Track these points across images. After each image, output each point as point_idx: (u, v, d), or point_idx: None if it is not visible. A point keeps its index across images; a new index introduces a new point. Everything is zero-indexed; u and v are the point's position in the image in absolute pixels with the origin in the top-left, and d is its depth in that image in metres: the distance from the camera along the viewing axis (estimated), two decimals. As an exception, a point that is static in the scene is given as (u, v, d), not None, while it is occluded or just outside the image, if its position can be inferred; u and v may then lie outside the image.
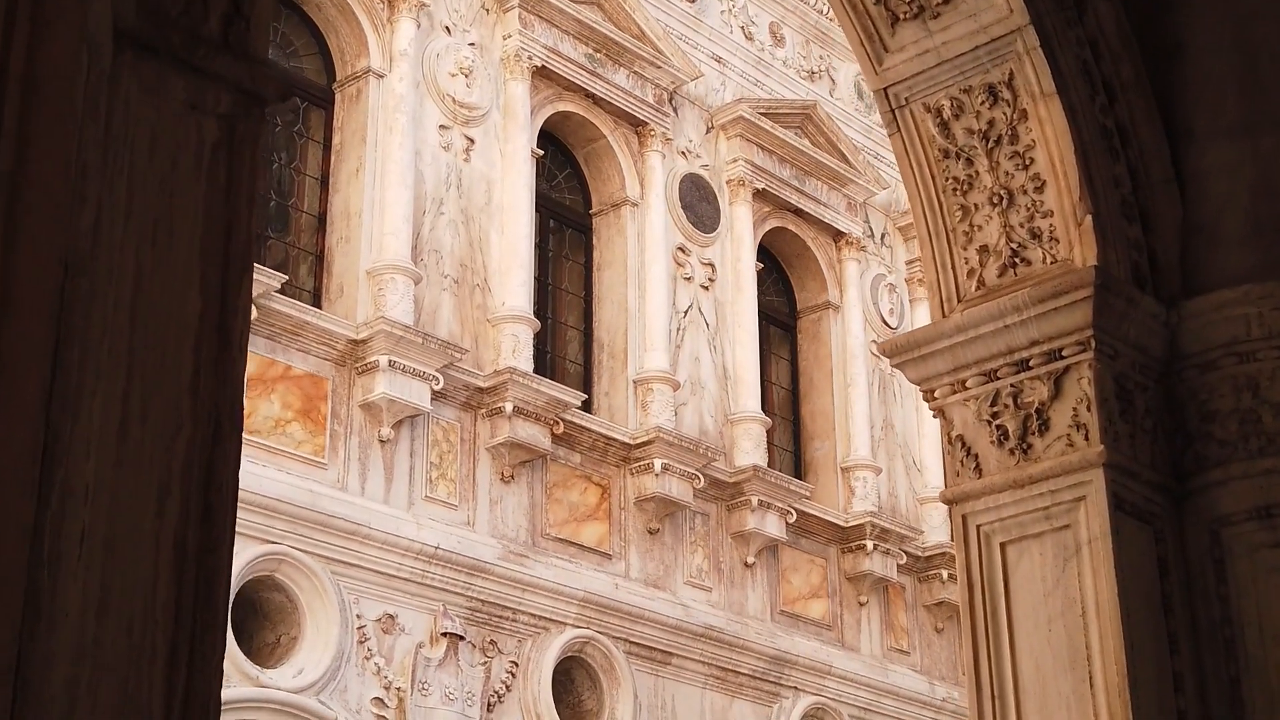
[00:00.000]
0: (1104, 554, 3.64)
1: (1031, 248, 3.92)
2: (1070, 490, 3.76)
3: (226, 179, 1.86)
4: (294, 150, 12.30)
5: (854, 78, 16.78)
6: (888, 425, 15.69)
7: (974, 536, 3.88)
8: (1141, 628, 3.64)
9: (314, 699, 10.50)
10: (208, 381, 1.77)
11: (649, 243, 13.79)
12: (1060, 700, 3.58)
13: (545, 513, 12.41)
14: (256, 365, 10.90)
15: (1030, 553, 3.75)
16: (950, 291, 4.04)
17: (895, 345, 4.17)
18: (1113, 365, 3.84)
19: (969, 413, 3.98)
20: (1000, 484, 3.85)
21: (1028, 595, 3.71)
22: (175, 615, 1.67)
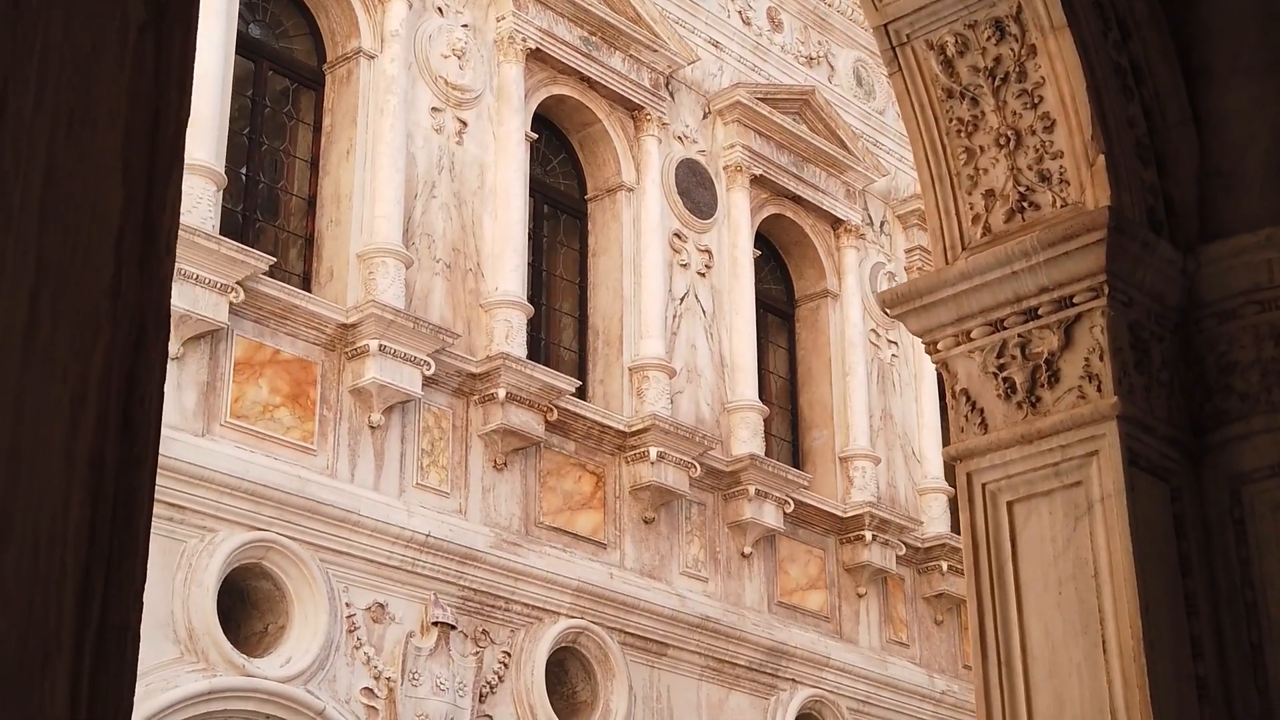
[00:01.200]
0: (1118, 512, 3.43)
1: (1040, 191, 3.71)
2: (1082, 445, 3.55)
3: (155, 65, 1.65)
4: (284, 132, 12.10)
5: (853, 64, 16.60)
6: (887, 415, 15.50)
7: (979, 495, 3.67)
8: (1157, 590, 3.44)
9: (302, 688, 10.30)
10: (131, 283, 1.56)
11: (645, 229, 13.60)
12: (1071, 666, 3.38)
13: (539, 501, 12.22)
14: (244, 349, 10.72)
15: (1039, 512, 3.55)
16: (954, 239, 3.83)
17: (896, 295, 3.96)
18: (1127, 313, 3.63)
19: (974, 365, 3.77)
20: (1007, 439, 3.64)
21: (1037, 556, 3.50)
22: (90, 538, 1.47)
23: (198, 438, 10.27)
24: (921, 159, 3.87)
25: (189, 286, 10.18)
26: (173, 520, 10.00)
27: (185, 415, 10.28)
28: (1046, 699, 3.42)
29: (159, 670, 9.70)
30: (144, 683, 9.59)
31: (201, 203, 10.40)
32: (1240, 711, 3.46)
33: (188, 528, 10.08)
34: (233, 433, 10.50)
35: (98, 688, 1.62)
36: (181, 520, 10.05)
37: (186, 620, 9.89)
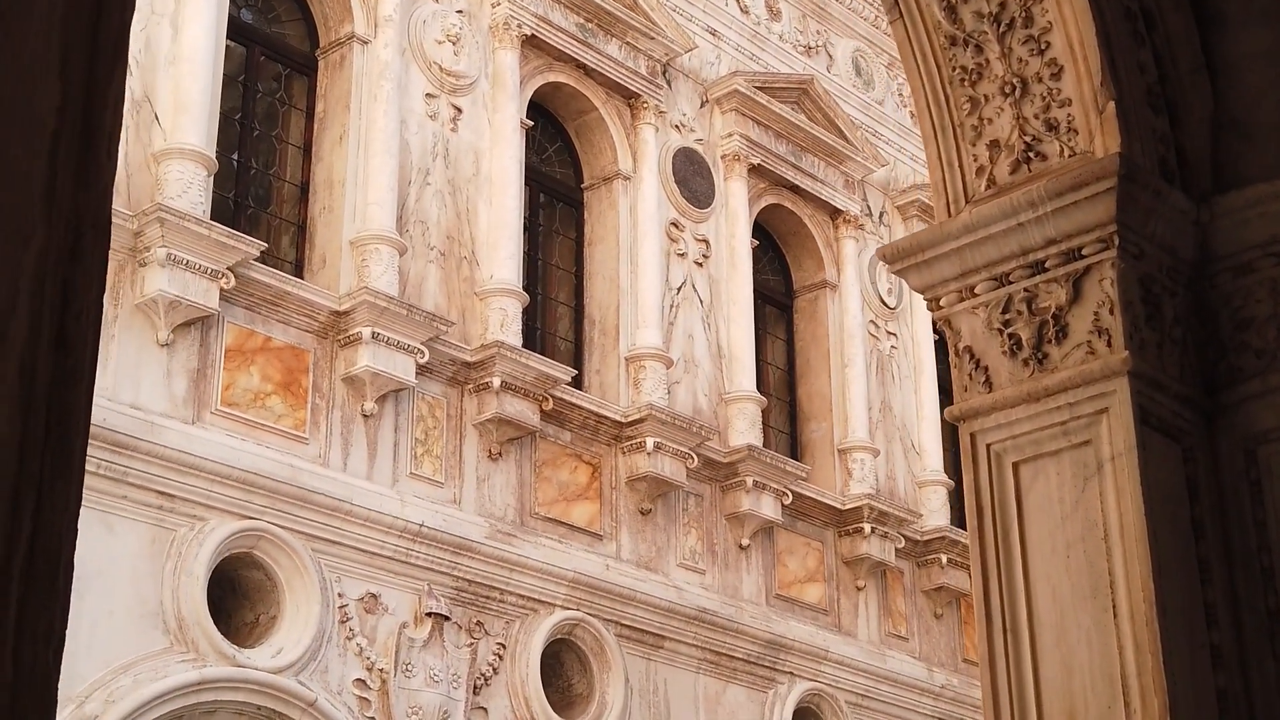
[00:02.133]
0: (1129, 471, 3.29)
1: (1047, 140, 3.57)
2: (1091, 402, 3.40)
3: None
4: (276, 118, 11.96)
5: (852, 53, 16.47)
6: (886, 407, 15.37)
7: (983, 456, 3.52)
8: (1170, 554, 3.30)
9: (293, 679, 10.16)
10: (66, 186, 1.43)
11: (641, 218, 13.46)
12: (1080, 632, 3.24)
13: (534, 491, 12.08)
14: (235, 336, 10.58)
15: (1046, 472, 3.41)
16: (957, 192, 3.68)
17: (897, 250, 3.82)
18: (1138, 266, 3.49)
19: (978, 321, 3.63)
20: (1013, 398, 3.49)
21: (1043, 519, 3.36)
22: (19, 455, 1.33)
23: (188, 425, 10.13)
24: (923, 109, 3.73)
25: (179, 272, 10.04)
26: (162, 509, 9.86)
27: (175, 402, 10.14)
28: (1054, 666, 3.29)
29: (148, 660, 9.56)
30: (133, 673, 9.46)
31: (192, 187, 10.26)
32: (1257, 681, 3.33)
33: (177, 516, 9.94)
34: (223, 420, 10.36)
35: (26, 617, 1.48)
36: (171, 509, 9.91)
37: (176, 610, 9.75)
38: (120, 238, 10.01)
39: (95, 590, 9.45)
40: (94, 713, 9.23)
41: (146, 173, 10.31)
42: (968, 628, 15.43)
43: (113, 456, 9.64)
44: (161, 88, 10.53)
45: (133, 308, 10.05)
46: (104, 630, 9.45)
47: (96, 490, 9.57)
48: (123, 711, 9.32)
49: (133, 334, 10.04)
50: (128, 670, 9.47)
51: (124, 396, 9.87)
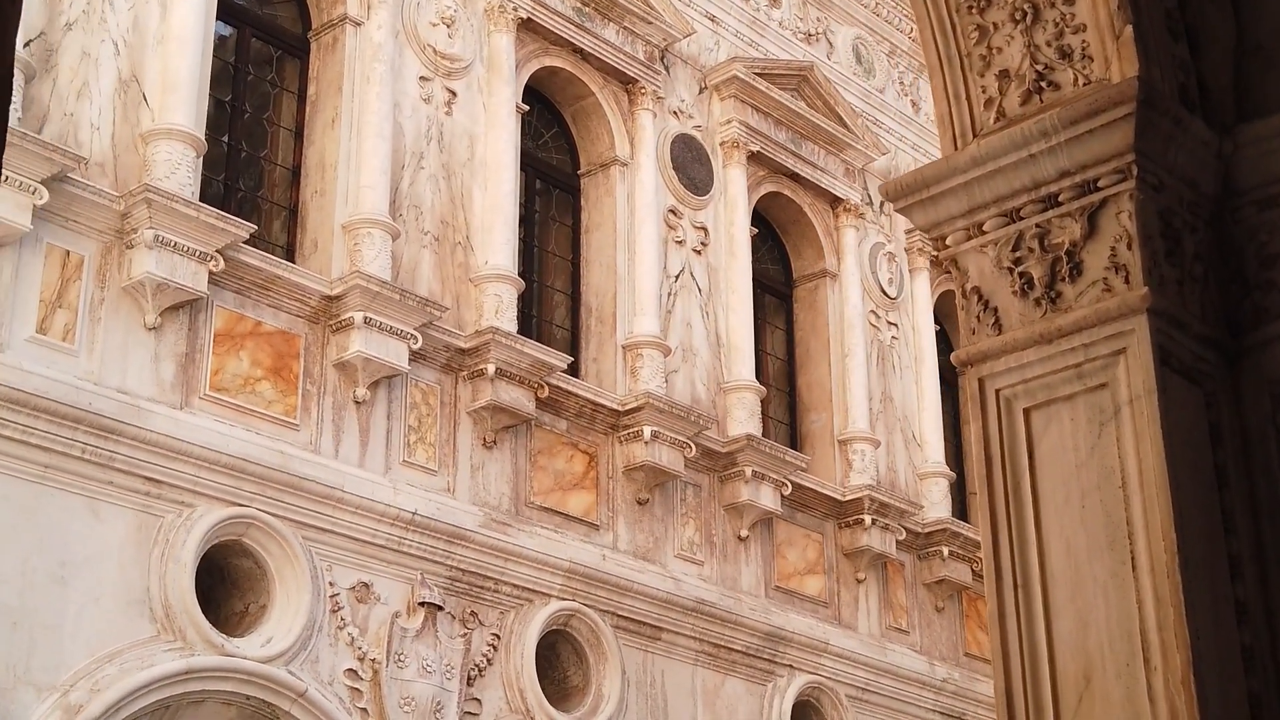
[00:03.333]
0: (1149, 414, 3.10)
1: (1060, 69, 3.37)
2: (1107, 343, 3.21)
3: None
4: (267, 101, 11.78)
5: (852, 41, 16.29)
6: (886, 398, 15.18)
7: (992, 403, 3.33)
8: (1192, 503, 3.11)
9: (283, 669, 9.97)
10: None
11: (639, 204, 13.27)
12: (1096, 586, 3.05)
13: (529, 480, 11.89)
14: (224, 320, 10.39)
15: (1059, 418, 3.22)
16: (964, 125, 3.49)
17: (900, 186, 3.63)
18: (1157, 198, 3.30)
19: (986, 260, 3.43)
20: (1024, 340, 3.30)
21: (1057, 467, 3.17)
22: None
23: (175, 410, 9.94)
24: (929, 38, 3.53)
25: (166, 254, 9.85)
26: (149, 495, 9.68)
27: (163, 387, 9.96)
28: (1068, 622, 3.11)
29: (134, 649, 9.38)
30: (119, 661, 9.27)
31: (180, 168, 10.08)
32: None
33: (165, 503, 9.75)
34: (212, 406, 10.17)
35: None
36: (158, 495, 9.73)
37: (163, 597, 9.56)
38: (107, 219, 9.83)
39: (81, 577, 9.28)
40: (79, 702, 9.04)
41: (134, 153, 10.13)
42: (969, 621, 15.24)
43: (99, 441, 9.45)
44: (149, 68, 10.35)
45: (120, 290, 9.87)
46: (90, 618, 9.26)
47: (82, 475, 9.39)
48: (108, 701, 9.13)
49: (120, 317, 9.85)
50: (114, 659, 9.28)
51: (110, 380, 9.69)
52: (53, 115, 9.83)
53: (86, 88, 10.05)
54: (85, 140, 9.94)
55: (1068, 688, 3.09)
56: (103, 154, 10.00)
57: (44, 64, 9.86)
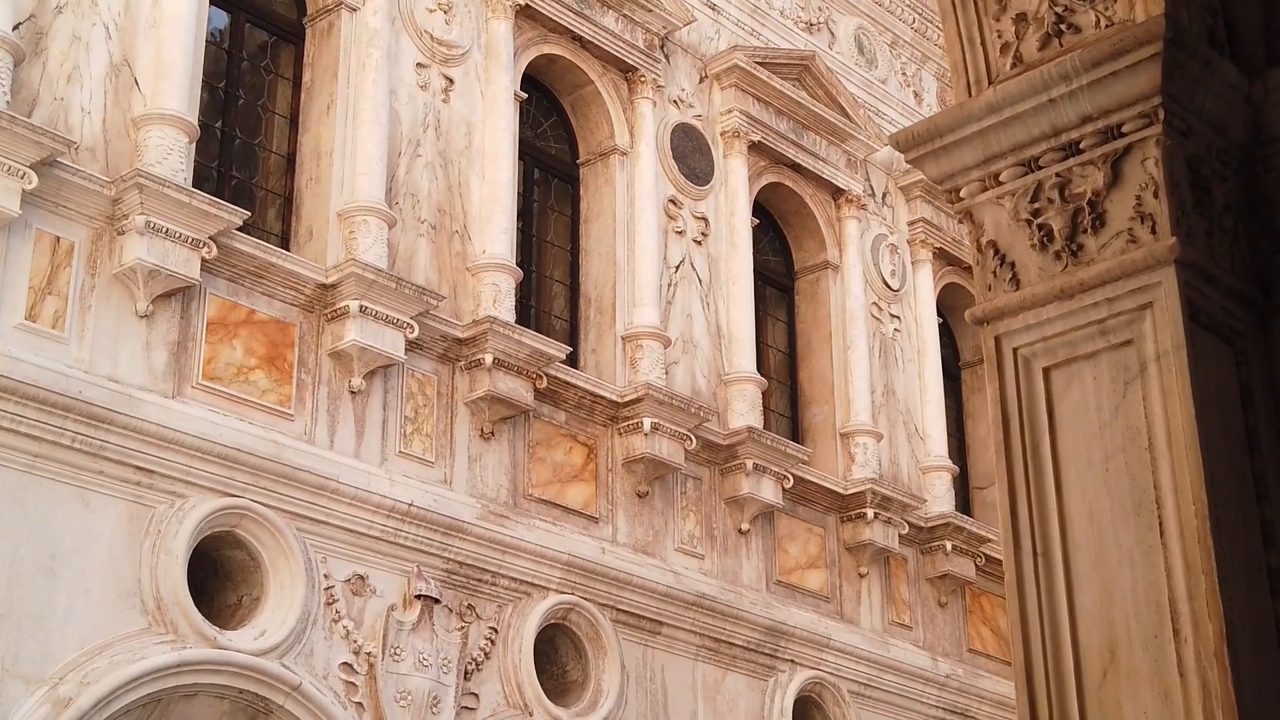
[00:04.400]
0: (1177, 371, 2.93)
1: (1081, 10, 3.20)
2: (1133, 296, 3.04)
3: None
4: (262, 87, 11.62)
5: (854, 31, 16.14)
6: (889, 391, 15.01)
7: (1010, 362, 3.16)
8: (1223, 465, 2.95)
9: (277, 662, 9.80)
10: None
11: (639, 194, 13.11)
12: (1122, 553, 2.89)
13: (527, 472, 11.72)
14: (218, 308, 10.23)
15: (1081, 377, 3.05)
16: (979, 72, 3.32)
17: (912, 135, 3.45)
18: (1185, 144, 3.13)
19: (1003, 213, 3.27)
20: (1043, 295, 3.13)
21: (1079, 429, 3.01)
22: None
23: (167, 399, 9.78)
24: (941, -19, 3.37)
25: (158, 240, 9.69)
26: (141, 485, 9.52)
27: (154, 375, 9.79)
28: (1092, 592, 2.94)
29: (125, 641, 9.22)
30: (109, 654, 9.11)
31: (172, 154, 9.91)
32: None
33: (156, 493, 9.59)
34: (205, 395, 10.00)
35: None
36: (150, 485, 9.56)
37: (155, 589, 9.40)
38: (98, 205, 9.67)
39: (71, 568, 9.12)
40: (68, 695, 8.88)
41: (126, 139, 9.96)
42: (972, 616, 15.09)
43: (89, 430, 9.29)
44: (141, 52, 10.19)
45: (111, 277, 9.71)
46: (80, 610, 9.10)
47: (72, 465, 9.23)
48: (98, 694, 8.97)
49: (111, 304, 9.69)
50: (104, 651, 9.11)
51: (101, 369, 9.53)
52: (42, 99, 9.67)
53: (77, 72, 9.89)
54: (76, 125, 9.78)
55: (1091, 662, 2.93)
56: (93, 139, 9.84)
57: (34, 47, 9.70)
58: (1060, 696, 2.93)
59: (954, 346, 16.61)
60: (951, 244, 16.05)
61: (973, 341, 16.72)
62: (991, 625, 15.26)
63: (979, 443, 16.39)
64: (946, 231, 16.01)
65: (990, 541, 15.04)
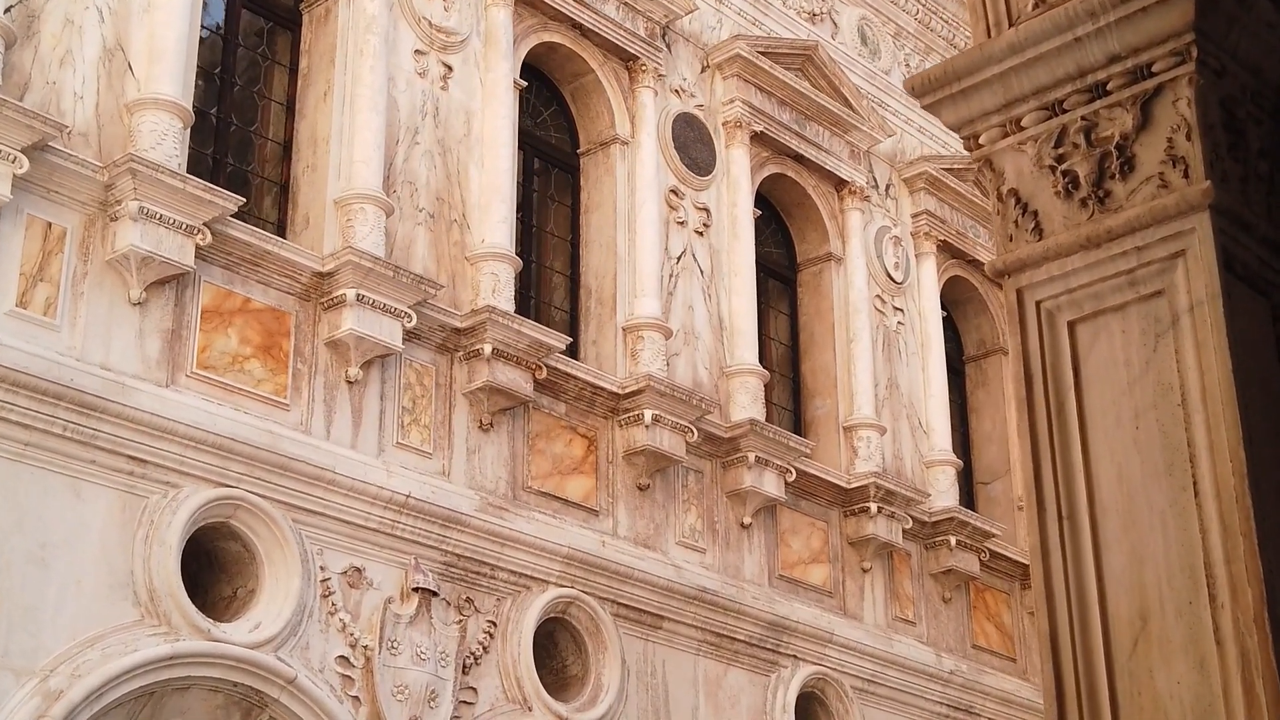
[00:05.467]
0: (1212, 322, 2.77)
1: (1108, -57, 3.07)
2: (1164, 245, 2.88)
3: None
4: (258, 74, 11.47)
5: (857, 21, 15.99)
6: (892, 384, 14.86)
7: (1032, 316, 3.00)
8: (1260, 421, 2.79)
9: (272, 655, 9.65)
10: None
11: (640, 184, 12.95)
12: (1153, 515, 2.73)
13: (527, 464, 11.56)
14: (212, 296, 10.08)
15: (1109, 330, 2.89)
16: (1000, 13, 3.15)
17: (928, 79, 3.29)
18: (1219, 85, 2.97)
19: (1025, 159, 3.11)
20: (1068, 244, 2.97)
21: (1107, 385, 2.85)
22: None
23: (161, 388, 9.63)
24: (960, -82, 3.21)
25: (152, 227, 9.54)
26: (134, 475, 9.36)
27: (148, 364, 9.64)
28: (1121, 557, 2.78)
29: (117, 633, 9.06)
30: (101, 646, 8.96)
31: (167, 139, 9.76)
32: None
33: (150, 483, 9.43)
34: (199, 384, 9.85)
35: None
36: (143, 475, 9.41)
37: (147, 580, 9.24)
38: (90, 190, 9.52)
39: (62, 559, 8.96)
40: (59, 687, 8.72)
41: (119, 124, 9.81)
42: (977, 612, 14.94)
43: (81, 419, 9.14)
44: (135, 36, 10.03)
45: (103, 264, 9.55)
46: (71, 601, 8.95)
47: (63, 454, 9.08)
48: (90, 686, 8.81)
49: (103, 291, 9.54)
50: (95, 643, 8.96)
51: (93, 356, 9.37)
52: (34, 83, 9.51)
53: (70, 55, 9.74)
54: (68, 110, 9.63)
55: (1121, 630, 2.78)
56: (86, 124, 9.69)
57: (25, 30, 9.54)
58: (1088, 668, 2.78)
59: (958, 340, 16.46)
60: (955, 236, 15.90)
61: (976, 336, 16.57)
62: (996, 621, 15.10)
63: (983, 437, 16.24)
64: (950, 224, 15.86)
65: (995, 537, 14.89)
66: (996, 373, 16.35)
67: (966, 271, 16.18)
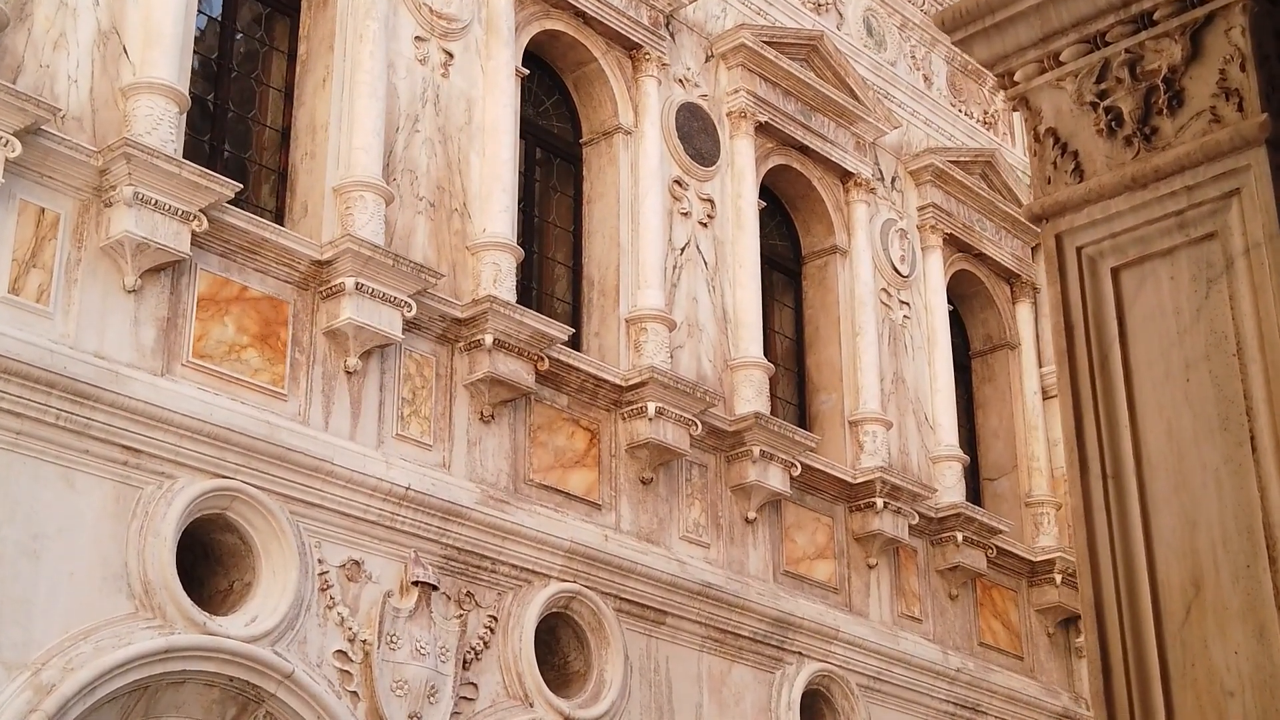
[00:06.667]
0: (1270, 264, 2.56)
1: None
2: (1216, 183, 2.69)
3: None
4: (256, 61, 11.30)
5: (863, 12, 15.82)
6: (898, 379, 14.68)
7: (1073, 262, 2.81)
8: (1324, 370, 2.61)
9: (268, 649, 9.46)
10: None
11: (643, 174, 12.77)
12: (1206, 474, 2.54)
13: (528, 457, 11.38)
14: (209, 284, 9.90)
15: (1157, 277, 2.70)
16: (1035, -59, 3.00)
17: (959, 13, 3.09)
18: (1274, 12, 2.79)
19: (1064, 97, 2.92)
20: (1111, 186, 2.78)
21: (1154, 335, 2.66)
22: None
23: (156, 377, 9.45)
24: None
25: (147, 213, 9.36)
26: (128, 465, 9.18)
27: (143, 352, 9.46)
28: (1171, 519, 2.60)
29: (110, 626, 8.88)
30: (94, 639, 8.77)
31: (162, 124, 9.58)
32: None
33: (144, 473, 9.25)
34: (195, 373, 9.67)
35: None
36: (138, 465, 9.23)
37: (142, 573, 9.06)
38: (84, 175, 9.34)
39: (54, 550, 8.78)
40: (51, 681, 8.54)
41: (113, 108, 9.63)
42: (984, 610, 14.75)
43: (74, 408, 8.96)
44: (130, 19, 9.86)
45: (98, 250, 9.37)
46: (63, 593, 8.76)
47: (57, 443, 8.90)
48: (82, 680, 8.62)
49: (97, 278, 9.36)
50: (88, 637, 8.77)
51: (87, 344, 9.19)
52: (27, 66, 9.34)
53: (64, 38, 9.57)
54: (62, 94, 9.45)
55: (1172, 597, 2.59)
56: (80, 108, 9.51)
57: (18, 12, 9.37)
58: (1136, 638, 2.59)
59: (964, 335, 16.28)
60: (962, 230, 15.72)
61: (983, 330, 16.39)
62: (1003, 619, 14.92)
63: (989, 433, 16.06)
64: (957, 217, 15.68)
65: (1002, 533, 14.71)
66: (1003, 368, 16.17)
67: (973, 265, 16.01)
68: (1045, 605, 15.15)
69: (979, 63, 3.09)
